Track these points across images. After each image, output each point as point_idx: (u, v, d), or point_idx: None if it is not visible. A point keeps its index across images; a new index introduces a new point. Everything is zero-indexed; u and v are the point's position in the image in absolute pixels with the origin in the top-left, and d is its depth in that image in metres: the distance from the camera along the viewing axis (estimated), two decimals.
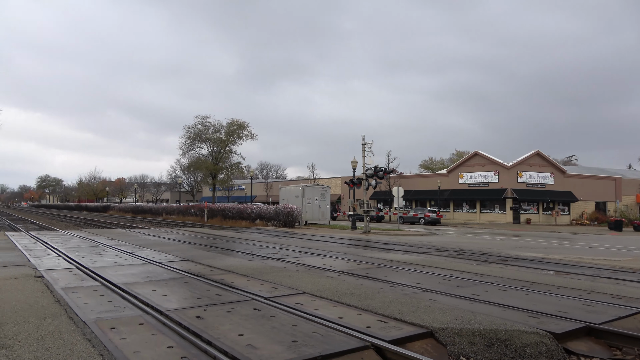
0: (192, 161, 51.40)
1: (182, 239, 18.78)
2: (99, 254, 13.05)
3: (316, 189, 35.16)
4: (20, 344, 4.73)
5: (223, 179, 50.16)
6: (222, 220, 35.47)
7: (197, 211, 40.71)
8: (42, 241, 17.15)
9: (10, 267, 10.30)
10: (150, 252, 13.40)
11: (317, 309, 6.38)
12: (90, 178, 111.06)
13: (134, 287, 7.78)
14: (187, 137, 48.92)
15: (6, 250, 14.06)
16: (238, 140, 48.60)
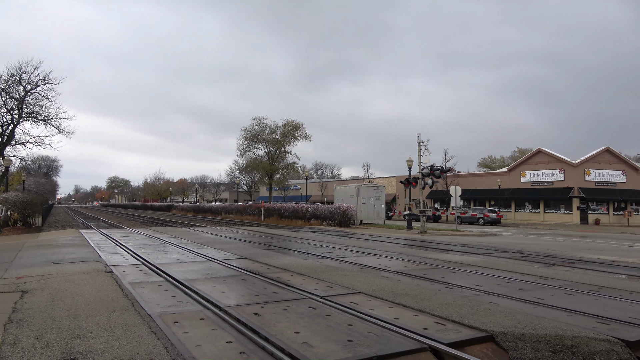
0: (249, 162, 52.69)
1: (240, 238, 19.28)
2: (163, 251, 13.66)
3: (371, 189, 34.94)
4: (93, 334, 5.04)
5: (279, 179, 51.04)
6: (278, 219, 36.08)
7: (254, 210, 41.66)
8: (111, 238, 18.20)
9: (84, 262, 11.01)
10: (210, 250, 13.86)
11: (372, 309, 6.34)
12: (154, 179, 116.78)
13: (195, 284, 8.08)
14: (245, 139, 50.24)
15: (80, 246, 15.05)
16: (293, 140, 49.30)
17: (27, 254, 13.10)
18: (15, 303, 6.60)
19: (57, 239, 18.17)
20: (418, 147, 26.94)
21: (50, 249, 14.15)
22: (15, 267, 10.38)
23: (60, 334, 5.04)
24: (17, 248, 14.69)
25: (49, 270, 9.77)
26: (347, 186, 36.71)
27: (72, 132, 35.35)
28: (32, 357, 4.33)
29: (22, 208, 23.81)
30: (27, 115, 33.45)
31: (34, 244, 16.06)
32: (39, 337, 4.93)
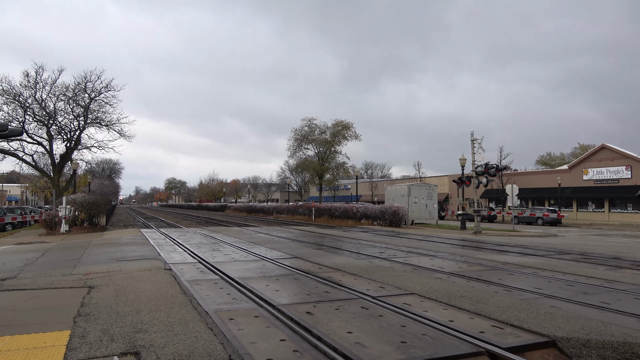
0: (300, 162, 53.26)
1: (292, 237, 19.51)
2: (218, 250, 14.07)
3: (422, 188, 34.34)
4: (154, 329, 5.27)
5: (329, 179, 51.24)
6: (328, 219, 36.20)
7: (305, 210, 42.02)
8: (170, 237, 18.95)
9: (145, 260, 11.53)
10: (262, 249, 14.12)
11: (426, 310, 6.22)
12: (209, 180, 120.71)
13: (249, 282, 8.25)
14: (295, 139, 50.84)
15: (141, 245, 15.78)
16: (343, 140, 49.36)
17: (93, 251, 13.89)
18: (83, 298, 7.00)
19: (120, 238, 19.14)
20: (471, 145, 26.18)
21: (114, 247, 14.93)
22: (83, 264, 11.03)
23: (124, 328, 5.30)
24: (84, 246, 15.61)
25: (113, 267, 10.31)
26: (398, 185, 36.23)
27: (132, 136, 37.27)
28: (99, 349, 4.58)
29: (88, 208, 25.27)
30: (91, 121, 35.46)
31: (99, 243, 17.00)
32: (105, 331, 5.21)
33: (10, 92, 32.36)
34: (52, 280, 8.73)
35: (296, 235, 21.28)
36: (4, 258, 12.86)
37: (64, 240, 18.77)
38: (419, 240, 18.60)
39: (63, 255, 13.40)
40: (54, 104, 34.16)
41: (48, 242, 18.28)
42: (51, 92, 33.90)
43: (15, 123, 31.72)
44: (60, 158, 35.15)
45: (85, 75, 35.02)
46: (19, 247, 16.59)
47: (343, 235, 21.17)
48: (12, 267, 10.71)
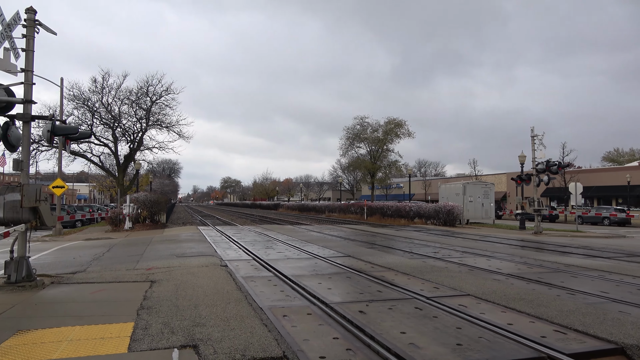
0: (352, 161, 53.19)
1: (343, 236, 19.52)
2: (272, 247, 14.32)
3: (478, 186, 33.29)
4: (211, 323, 5.44)
5: (381, 177, 50.83)
6: (380, 218, 35.90)
7: (357, 209, 41.90)
8: (225, 235, 19.50)
9: (202, 256, 11.93)
10: (315, 248, 14.23)
11: (482, 312, 6.03)
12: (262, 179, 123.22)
13: (302, 279, 8.34)
14: (347, 138, 50.82)
15: (199, 242, 16.34)
16: (395, 138, 48.79)
17: (154, 247, 14.55)
18: (146, 292, 7.35)
19: (179, 235, 19.92)
20: (531, 141, 25.08)
21: (174, 244, 15.56)
22: (145, 259, 11.58)
23: (184, 322, 5.51)
24: (146, 242, 16.38)
25: (172, 263, 10.75)
26: (453, 184, 35.34)
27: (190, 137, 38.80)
28: (160, 341, 4.78)
29: (149, 207, 26.51)
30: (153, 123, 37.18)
31: (159, 239, 17.78)
32: (166, 323, 5.44)
33: (80, 98, 34.60)
34: (117, 274, 9.22)
35: (348, 233, 21.28)
36: (75, 252, 13.74)
37: (128, 237, 19.79)
38: (474, 240, 18.06)
39: (127, 250, 14.14)
40: (118, 108, 36.15)
41: (113, 238, 19.34)
42: (116, 97, 35.92)
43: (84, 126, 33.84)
44: (124, 159, 37.12)
45: (147, 79, 36.79)
46: (87, 242, 17.66)
47: (395, 234, 20.93)
48: (81, 262, 11.42)
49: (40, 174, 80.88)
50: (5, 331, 5.18)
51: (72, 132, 9.26)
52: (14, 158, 8.49)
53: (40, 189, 7.91)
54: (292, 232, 21.47)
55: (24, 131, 8.24)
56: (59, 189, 19.74)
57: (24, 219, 7.76)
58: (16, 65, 8.13)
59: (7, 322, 5.63)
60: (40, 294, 7.37)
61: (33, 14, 8.38)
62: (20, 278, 7.86)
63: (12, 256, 7.98)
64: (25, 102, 8.16)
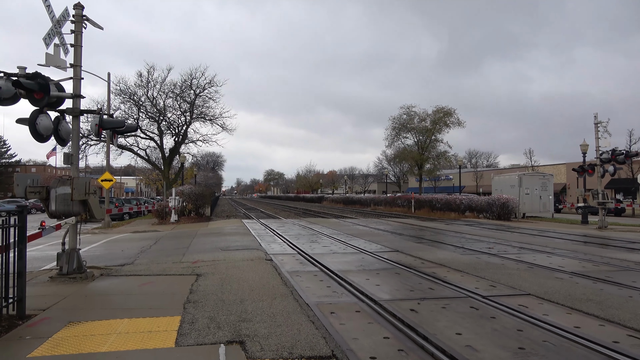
0: (398, 152, 52.44)
1: (391, 230, 19.28)
2: (317, 241, 14.32)
3: (535, 178, 32.02)
4: (257, 319, 5.45)
5: (429, 169, 49.86)
6: (429, 211, 35.26)
7: (404, 202, 41.34)
8: (269, 228, 19.71)
9: (247, 250, 12.09)
10: (361, 242, 14.11)
11: (545, 314, 5.73)
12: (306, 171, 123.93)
13: (348, 275, 8.26)
14: (393, 128, 50.09)
15: (243, 235, 16.59)
16: (444, 128, 47.63)
17: (199, 240, 14.89)
18: (192, 285, 7.49)
19: (223, 228, 20.32)
20: (595, 129, 23.78)
21: (218, 237, 15.87)
22: (191, 252, 11.86)
23: (230, 317, 5.56)
24: (191, 235, 16.80)
25: (217, 256, 10.94)
26: (507, 175, 34.15)
27: (233, 129, 39.39)
28: (207, 336, 4.83)
29: (194, 199, 27.22)
30: (196, 116, 38.08)
31: (204, 232, 18.19)
32: (212, 318, 5.50)
33: (126, 92, 35.92)
34: (163, 267, 9.48)
35: (395, 227, 21.01)
36: (123, 245, 14.27)
37: (174, 230, 20.38)
38: (532, 235, 17.37)
39: (173, 243, 14.55)
40: (163, 101, 37.25)
41: (160, 230, 19.97)
42: (161, 90, 37.02)
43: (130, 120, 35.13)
44: (169, 152, 38.28)
45: (191, 72, 37.62)
46: (135, 235, 18.32)
47: (445, 229, 20.47)
48: (129, 254, 11.84)
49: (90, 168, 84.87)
50: (57, 322, 5.40)
51: (119, 126, 9.56)
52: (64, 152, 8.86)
53: (90, 182, 8.21)
54: (337, 226, 21.44)
55: (73, 125, 8.57)
56: (107, 182, 20.58)
57: (74, 212, 8.09)
58: (65, 61, 8.44)
59: (59, 313, 5.87)
60: (90, 286, 7.67)
61: (81, 10, 8.66)
62: (72, 270, 8.22)
63: (64, 248, 8.35)
64: (75, 96, 8.48)
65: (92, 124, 9.07)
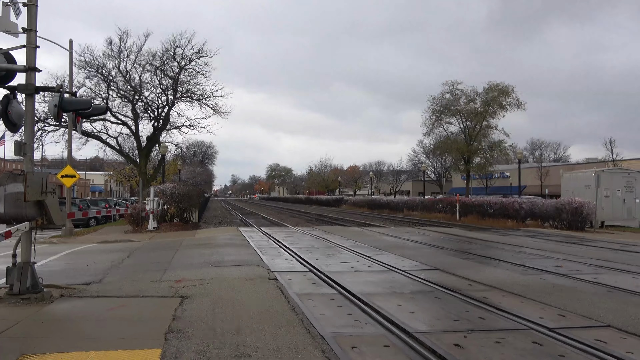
0: (439, 142, 52.24)
1: (428, 242, 19.23)
2: (334, 256, 14.35)
3: (618, 176, 31.67)
4: (258, 354, 5.48)
5: (479, 163, 49.58)
6: (478, 218, 35.10)
7: (446, 206, 41.20)
8: (273, 238, 19.80)
9: (245, 266, 12.16)
10: (391, 257, 14.10)
11: (630, 351, 5.68)
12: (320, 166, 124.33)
13: (374, 299, 8.26)
14: (432, 111, 49.87)
15: (240, 247, 16.70)
16: (499, 111, 47.25)
17: (184, 253, 15.02)
18: (175, 310, 7.56)
19: (215, 238, 20.46)
20: None
21: (208, 249, 15.99)
22: (173, 268, 11.97)
23: (223, 350, 5.60)
24: (174, 246, 16.95)
25: (207, 273, 11.02)
26: (580, 172, 33.86)
27: (227, 112, 39.53)
28: None
29: (178, 201, 27.44)
30: (181, 95, 38.50)
31: (191, 243, 18.34)
32: (201, 352, 5.54)
33: (92, 64, 36.36)
34: (139, 286, 9.58)
35: (434, 239, 20.94)
36: (89, 258, 14.46)
37: (152, 239, 20.59)
38: (613, 250, 17.19)
39: (151, 256, 14.69)
40: (139, 76, 37.70)
41: (134, 240, 20.20)
42: (136, 62, 37.44)
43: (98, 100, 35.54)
44: (146, 140, 38.71)
45: (174, 39, 37.90)
46: (103, 245, 18.56)
47: (500, 241, 20.34)
48: (96, 270, 11.99)
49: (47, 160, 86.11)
50: (6, 354, 5.49)
51: (84, 107, 9.69)
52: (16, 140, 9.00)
53: (47, 179, 8.32)
54: (359, 236, 21.45)
55: (27, 106, 8.67)
56: (69, 179, 20.88)
57: (28, 216, 8.21)
58: (17, 25, 8.55)
59: (9, 343, 5.97)
60: (48, 309, 7.78)
61: None
62: (25, 289, 8.34)
63: (15, 262, 8.48)
64: (28, 69, 8.58)
65: (50, 104, 9.19)
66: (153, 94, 38.80)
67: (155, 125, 39.00)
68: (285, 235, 21.61)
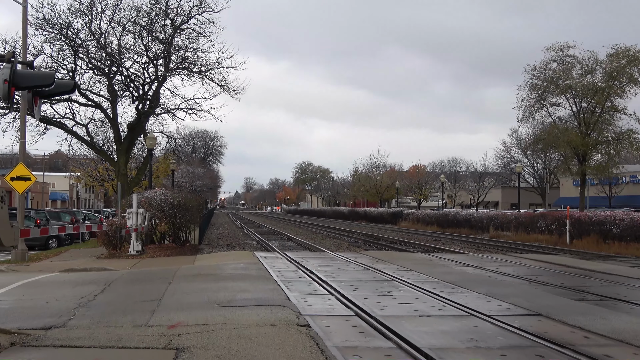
0: (541, 132, 51.55)
1: (526, 275, 18.99)
2: (390, 294, 14.30)
3: None
4: None
5: (600, 162, 48.76)
6: (598, 241, 34.49)
7: (551, 224, 40.61)
8: (303, 268, 19.83)
9: (264, 307, 12.19)
10: (471, 297, 13.98)
11: None
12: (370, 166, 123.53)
13: (448, 357, 8.22)
14: (531, 87, 49.27)
15: (257, 280, 16.76)
16: (629, 86, 46.42)
17: (180, 288, 15.15)
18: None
19: (223, 266, 20.57)
20: None
21: (213, 282, 16.11)
22: (165, 308, 12.08)
23: None
24: (166, 278, 17.11)
25: (212, 316, 11.09)
26: None
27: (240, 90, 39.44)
28: None
29: (171, 215, 27.50)
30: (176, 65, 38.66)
31: (189, 273, 18.47)
32: None
33: (54, 23, 36.52)
34: (118, 333, 9.69)
35: (534, 271, 20.71)
36: (49, 293, 14.71)
37: (136, 268, 20.81)
38: None
39: (134, 292, 14.85)
40: (118, 39, 38.01)
41: (111, 269, 20.44)
42: (114, 20, 37.73)
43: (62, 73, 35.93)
44: (128, 129, 38.92)
45: None
46: (69, 275, 18.82)
47: (630, 275, 20.02)
48: (59, 309, 12.18)
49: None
50: None
51: (44, 83, 9.82)
52: None
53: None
54: (426, 266, 21.33)
55: None
56: (22, 183, 21.21)
57: None
58: None
59: None
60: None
61: None
62: None
63: None
64: None
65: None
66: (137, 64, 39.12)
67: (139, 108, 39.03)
68: (321, 264, 21.61)
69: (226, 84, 38.56)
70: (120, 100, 38.84)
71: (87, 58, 37.50)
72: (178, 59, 38.79)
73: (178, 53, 38.74)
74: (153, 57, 38.67)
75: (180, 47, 38.71)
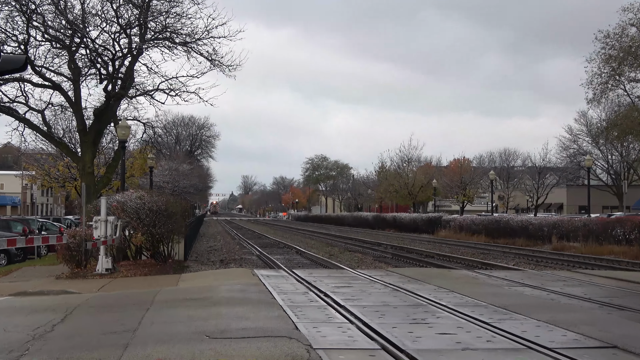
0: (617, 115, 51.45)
1: (598, 298, 18.90)
2: (425, 321, 14.27)
3: None
4: None
5: None
6: None
7: (630, 232, 40.50)
8: (316, 290, 19.81)
9: (265, 338, 12.16)
10: (529, 325, 13.93)
11: None
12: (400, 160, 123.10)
13: None
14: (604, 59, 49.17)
15: (257, 305, 16.74)
16: None
17: (161, 315, 15.16)
18: None
19: (214, 288, 20.55)
20: None
21: (203, 309, 16.10)
22: (141, 341, 12.07)
23: None
24: (143, 303, 17.13)
25: (200, 351, 11.07)
26: None
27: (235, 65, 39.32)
28: None
29: (149, 223, 27.48)
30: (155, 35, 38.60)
31: (172, 297, 18.49)
32: None
33: None
34: None
35: (609, 292, 20.65)
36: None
37: (104, 290, 20.83)
38: None
39: (103, 321, 14.85)
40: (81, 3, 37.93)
41: (74, 292, 20.46)
42: None
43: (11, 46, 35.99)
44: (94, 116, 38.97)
45: None
46: (20, 300, 18.87)
47: None
48: (9, 342, 12.20)
49: None
50: None
51: None
52: None
53: None
54: (470, 286, 21.30)
55: None
56: None
57: None
58: None
59: None
60: None
61: None
62: None
63: None
64: None
65: None
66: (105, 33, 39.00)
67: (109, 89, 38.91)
68: (338, 285, 21.58)
69: (217, 58, 38.53)
70: (84, 79, 38.80)
71: (43, 27, 37.28)
72: (157, 27, 38.67)
73: (157, 20, 38.62)
74: (125, 25, 38.50)
75: (159, 12, 38.53)
